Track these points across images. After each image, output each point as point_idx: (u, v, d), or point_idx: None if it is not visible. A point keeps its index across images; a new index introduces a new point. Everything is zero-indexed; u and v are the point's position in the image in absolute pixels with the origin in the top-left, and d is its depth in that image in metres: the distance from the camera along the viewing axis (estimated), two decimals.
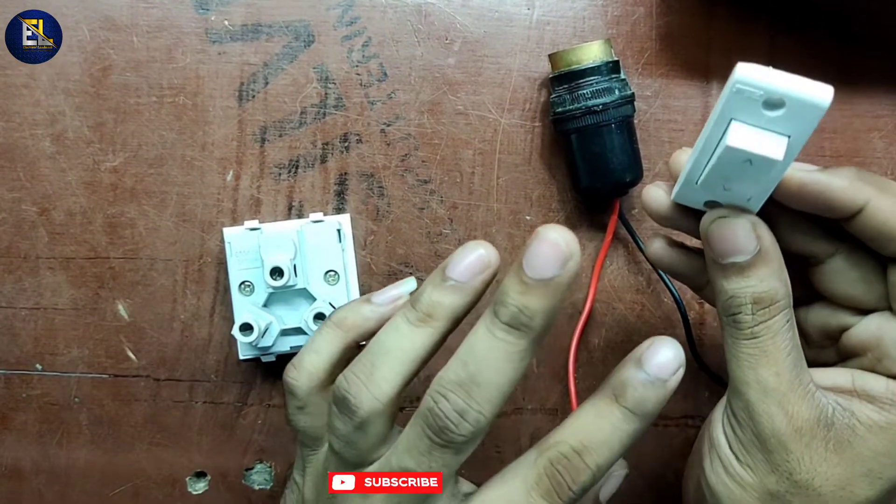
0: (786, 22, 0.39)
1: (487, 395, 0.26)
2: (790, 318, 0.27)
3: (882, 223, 0.26)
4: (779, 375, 0.26)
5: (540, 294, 0.25)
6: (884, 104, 0.39)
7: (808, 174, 0.26)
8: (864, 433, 0.26)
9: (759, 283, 0.26)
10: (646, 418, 0.26)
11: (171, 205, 0.38)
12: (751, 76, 0.23)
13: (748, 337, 0.27)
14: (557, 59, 0.36)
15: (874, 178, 0.26)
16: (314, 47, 0.38)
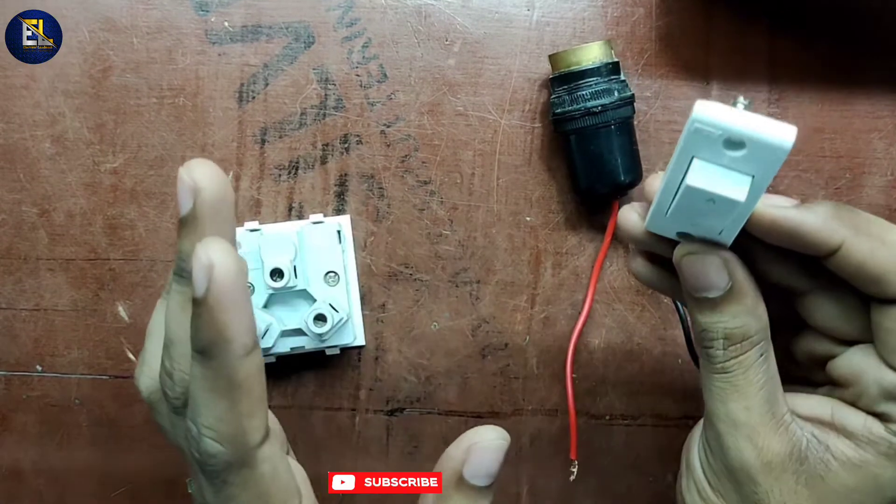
0: (785, 22, 0.39)
1: None
2: (764, 353, 0.26)
3: (858, 265, 0.25)
4: (749, 410, 0.26)
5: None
6: (883, 105, 0.39)
7: (780, 211, 0.25)
8: (837, 469, 0.26)
9: (731, 319, 0.26)
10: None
11: (172, 206, 0.38)
12: (709, 115, 0.22)
13: (719, 371, 0.27)
14: (557, 60, 0.36)
15: (852, 216, 0.25)
16: (314, 48, 0.38)
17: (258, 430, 0.24)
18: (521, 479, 0.39)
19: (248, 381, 0.23)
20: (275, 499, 0.25)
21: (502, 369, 0.39)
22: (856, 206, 0.39)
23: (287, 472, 0.26)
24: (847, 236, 0.24)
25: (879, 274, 0.25)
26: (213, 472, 0.24)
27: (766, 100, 0.39)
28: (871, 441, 0.26)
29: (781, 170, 0.39)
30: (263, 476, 0.25)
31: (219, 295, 0.21)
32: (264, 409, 0.24)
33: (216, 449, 0.23)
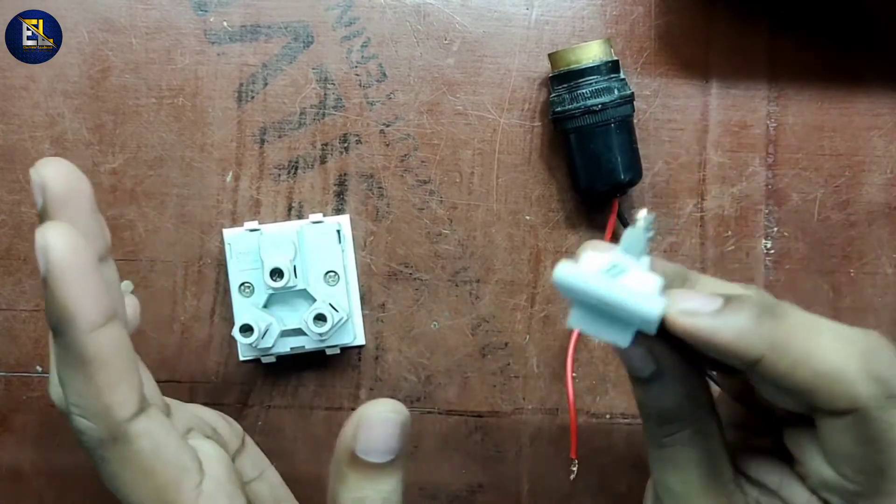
0: (785, 21, 0.39)
1: None
2: (701, 430, 0.25)
3: (775, 380, 0.23)
4: (686, 483, 0.26)
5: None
6: (883, 103, 0.39)
7: (690, 321, 0.22)
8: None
9: (662, 400, 0.25)
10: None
11: (171, 206, 0.38)
12: (565, 278, 0.22)
13: (655, 446, 0.26)
14: (557, 59, 0.36)
15: (776, 325, 0.22)
16: (313, 48, 0.38)
17: (125, 405, 0.24)
18: (521, 478, 0.39)
19: (101, 355, 0.23)
20: (160, 475, 0.25)
21: (502, 368, 0.39)
22: (855, 204, 0.39)
23: (178, 450, 0.26)
24: (765, 352, 0.22)
25: (800, 391, 0.23)
26: (89, 448, 0.24)
27: (766, 98, 0.39)
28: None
29: (781, 169, 0.39)
30: (142, 451, 0.25)
31: (56, 273, 0.22)
32: (132, 383, 0.24)
33: (84, 425, 0.24)
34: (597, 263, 0.22)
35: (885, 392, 0.22)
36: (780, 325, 0.22)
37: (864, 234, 0.39)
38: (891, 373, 0.22)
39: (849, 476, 0.23)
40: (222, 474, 0.28)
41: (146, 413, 0.25)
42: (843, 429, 0.23)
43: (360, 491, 0.25)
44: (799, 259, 0.39)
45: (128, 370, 0.24)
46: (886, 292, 0.39)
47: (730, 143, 0.39)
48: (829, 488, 0.24)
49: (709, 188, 0.39)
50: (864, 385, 0.22)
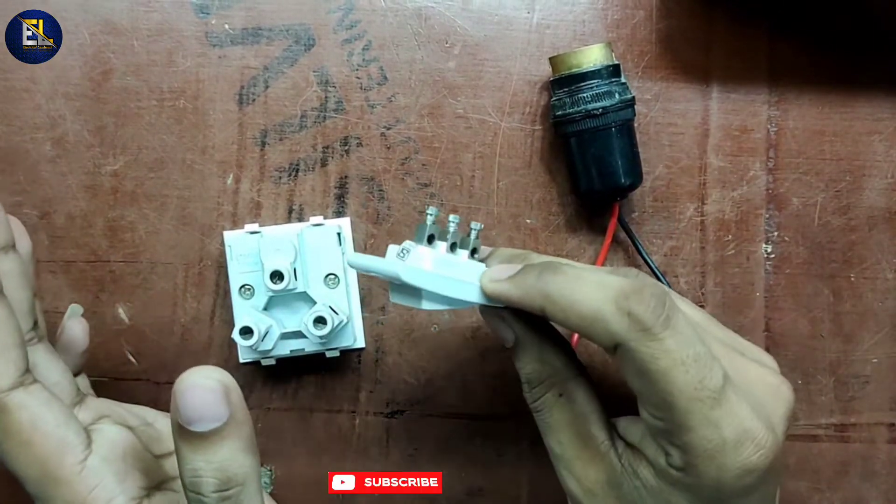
0: (785, 25, 0.39)
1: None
2: (564, 392, 0.29)
3: (561, 324, 0.27)
4: (561, 444, 0.29)
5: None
6: (884, 107, 0.39)
7: (492, 286, 0.29)
8: (645, 496, 0.27)
9: (525, 365, 0.30)
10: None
11: (172, 208, 0.38)
12: (352, 263, 0.31)
13: (532, 410, 0.30)
14: (558, 63, 0.36)
15: (549, 280, 0.27)
16: (314, 51, 0.38)
17: (3, 376, 0.26)
18: (521, 481, 0.39)
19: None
20: (40, 447, 0.26)
21: (502, 371, 0.39)
22: (855, 209, 0.39)
23: (59, 425, 0.27)
24: (543, 304, 0.27)
25: (579, 332, 0.27)
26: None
27: (767, 102, 0.39)
28: (660, 471, 0.27)
29: (782, 173, 0.39)
30: (21, 423, 0.26)
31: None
32: (10, 358, 0.26)
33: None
34: (394, 251, 0.30)
35: (637, 326, 0.25)
36: (553, 281, 0.27)
37: (864, 238, 0.39)
38: (641, 309, 0.25)
39: (653, 414, 0.26)
40: (116, 454, 0.28)
41: (25, 387, 0.27)
42: (623, 365, 0.26)
43: (193, 462, 0.25)
44: (799, 263, 0.39)
45: (10, 345, 0.26)
46: (887, 297, 0.39)
47: (730, 148, 0.39)
48: (653, 431, 0.27)
49: (709, 192, 0.39)
50: (617, 322, 0.25)
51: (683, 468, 0.26)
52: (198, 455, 0.24)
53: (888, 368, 0.39)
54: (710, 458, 0.25)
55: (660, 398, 0.25)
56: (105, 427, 0.30)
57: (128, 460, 0.29)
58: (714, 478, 0.25)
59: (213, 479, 0.24)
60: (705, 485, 0.26)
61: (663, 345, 0.25)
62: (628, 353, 0.25)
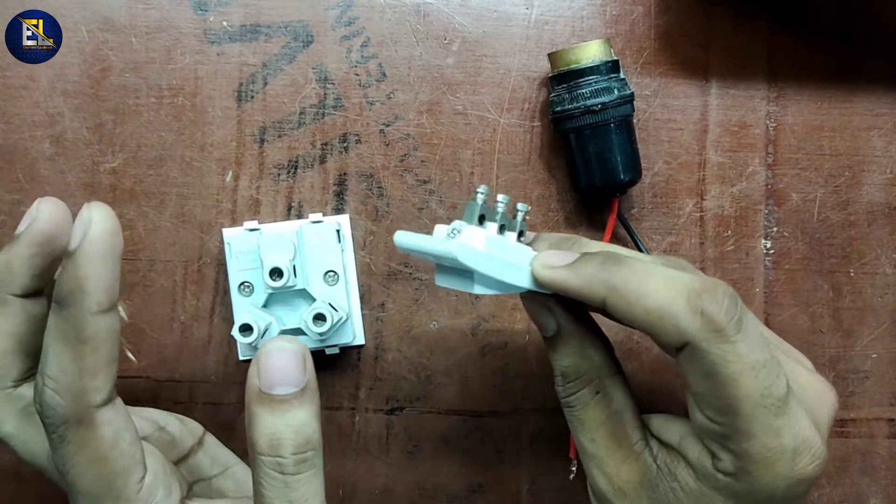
0: (785, 20, 0.39)
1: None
2: (601, 390, 0.29)
3: (623, 319, 0.26)
4: (594, 442, 0.28)
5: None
6: (883, 103, 0.39)
7: (547, 273, 0.27)
8: (683, 498, 0.27)
9: (563, 358, 0.29)
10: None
11: (171, 206, 0.38)
12: (399, 243, 0.28)
13: (564, 406, 0.29)
14: (557, 59, 0.36)
15: (615, 271, 0.26)
16: (313, 48, 0.38)
17: (100, 391, 0.25)
18: (520, 478, 0.39)
19: (96, 337, 0.25)
20: (113, 464, 0.26)
21: (502, 368, 0.39)
22: (855, 204, 0.39)
23: (131, 444, 0.27)
24: (606, 294, 0.26)
25: (643, 327, 0.26)
26: (52, 425, 0.25)
27: (766, 98, 0.39)
28: (704, 475, 0.26)
29: (781, 169, 0.39)
30: (103, 438, 0.26)
31: (88, 249, 0.24)
32: (110, 374, 0.26)
33: (55, 401, 0.25)
34: (443, 231, 0.28)
35: (710, 327, 0.24)
36: (619, 272, 0.26)
37: (863, 234, 0.39)
38: (715, 309, 0.24)
39: (712, 417, 0.25)
40: (160, 469, 0.29)
41: (113, 404, 0.26)
42: (687, 365, 0.25)
43: (273, 427, 0.26)
44: (798, 259, 0.39)
45: (112, 361, 0.26)
46: (886, 292, 0.39)
47: (729, 143, 0.39)
48: (706, 434, 0.26)
49: (708, 188, 0.39)
50: (688, 320, 0.24)
51: (735, 473, 0.25)
52: (277, 418, 0.26)
53: (888, 364, 0.39)
54: (768, 467, 0.25)
55: (724, 402, 0.25)
56: (148, 445, 0.30)
57: (167, 471, 0.29)
58: (768, 486, 0.25)
59: (292, 441, 0.26)
60: (756, 492, 0.25)
61: (735, 348, 0.24)
62: (697, 353, 0.24)
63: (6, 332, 0.27)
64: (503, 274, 0.27)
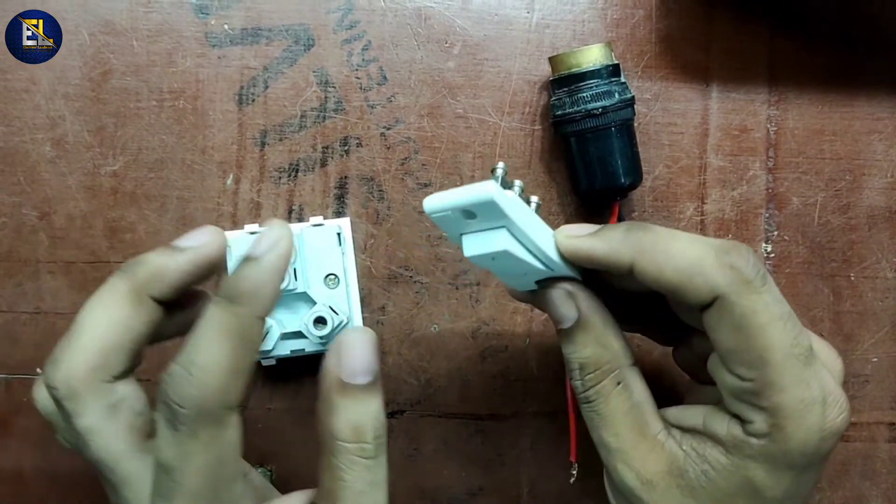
0: (785, 24, 0.39)
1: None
2: (623, 381, 0.28)
3: (650, 282, 0.26)
4: (618, 436, 0.28)
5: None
6: (884, 106, 0.39)
7: (572, 241, 0.27)
8: (715, 477, 0.26)
9: (582, 349, 0.28)
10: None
11: (172, 209, 0.38)
12: (432, 206, 0.26)
13: (583, 401, 0.29)
14: (558, 62, 0.36)
15: (641, 236, 0.26)
16: (314, 51, 0.38)
17: (238, 394, 0.25)
18: (521, 481, 0.39)
19: (255, 341, 0.26)
20: (228, 469, 0.26)
21: (502, 371, 0.39)
22: (855, 208, 0.39)
23: (239, 453, 0.27)
24: (634, 257, 0.26)
25: (671, 288, 0.26)
26: (186, 418, 0.25)
27: (766, 102, 0.39)
28: (735, 445, 0.26)
29: (782, 173, 0.39)
30: (229, 441, 0.26)
31: (275, 260, 0.25)
32: (246, 381, 0.26)
33: (200, 392, 0.24)
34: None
35: (739, 279, 0.25)
36: (645, 235, 0.26)
37: (864, 238, 0.39)
38: (743, 263, 0.25)
39: (743, 375, 0.25)
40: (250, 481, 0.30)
41: (240, 415, 0.26)
42: (717, 321, 0.25)
43: (354, 414, 0.26)
44: (799, 263, 0.39)
45: (251, 371, 0.26)
46: (887, 296, 0.39)
47: (730, 147, 0.39)
48: (737, 396, 0.26)
49: (709, 192, 0.39)
50: (719, 273, 0.25)
51: (769, 433, 0.25)
52: (359, 406, 0.26)
53: (888, 367, 0.39)
54: (800, 419, 0.25)
55: (756, 354, 0.25)
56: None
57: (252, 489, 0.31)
58: (801, 441, 0.25)
59: (372, 426, 0.26)
60: (790, 449, 0.25)
61: (763, 298, 0.25)
62: (728, 306, 0.25)
63: (130, 328, 0.28)
64: (533, 232, 0.26)
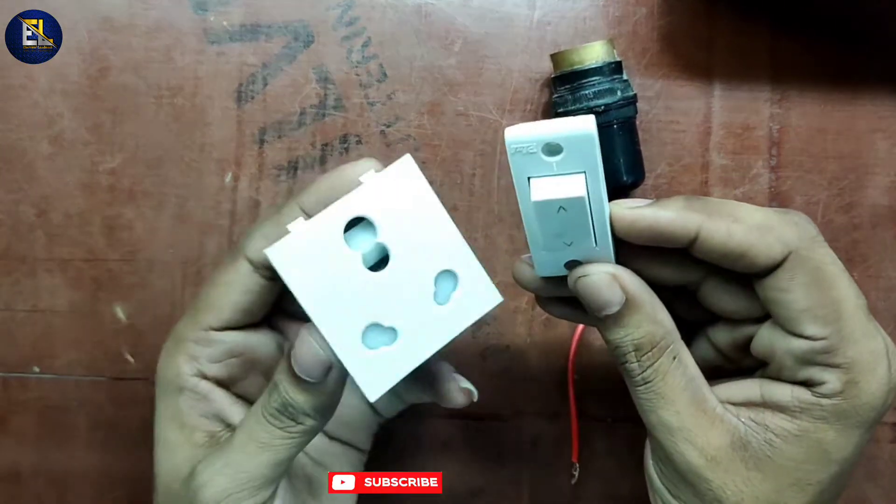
0: (787, 22, 0.38)
1: None
2: (677, 355, 0.27)
3: (719, 247, 0.26)
4: (679, 413, 0.27)
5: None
6: (887, 105, 0.39)
7: (635, 211, 0.26)
8: (781, 445, 0.26)
9: (636, 329, 0.27)
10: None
11: (170, 206, 0.38)
12: (517, 135, 0.24)
13: (640, 384, 0.27)
14: (560, 60, 0.35)
15: (703, 204, 0.26)
16: (313, 48, 0.38)
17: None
18: (522, 482, 0.39)
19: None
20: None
21: (504, 371, 0.38)
22: (859, 207, 0.39)
23: None
24: (701, 222, 0.26)
25: (741, 251, 0.26)
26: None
27: (769, 100, 0.39)
28: (803, 409, 0.26)
29: (785, 171, 0.39)
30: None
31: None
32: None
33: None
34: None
35: (807, 234, 0.26)
36: (708, 204, 0.26)
37: (867, 237, 0.39)
38: (805, 222, 0.26)
39: (816, 334, 0.26)
40: None
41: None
42: (789, 280, 0.26)
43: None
44: None
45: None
46: (890, 295, 0.39)
47: (733, 146, 0.39)
48: (806, 360, 0.26)
49: (712, 190, 0.39)
50: (789, 230, 0.26)
51: (842, 391, 0.25)
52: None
53: None
54: (872, 371, 0.25)
55: (831, 308, 0.25)
56: None
57: None
58: (873, 394, 0.25)
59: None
60: (862, 404, 0.25)
61: (829, 252, 0.26)
62: (802, 261, 0.25)
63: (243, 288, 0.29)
64: (603, 193, 0.25)
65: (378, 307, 0.26)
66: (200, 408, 0.29)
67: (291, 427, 0.27)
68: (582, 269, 0.27)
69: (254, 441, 0.27)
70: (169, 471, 0.29)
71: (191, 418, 0.29)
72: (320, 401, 0.27)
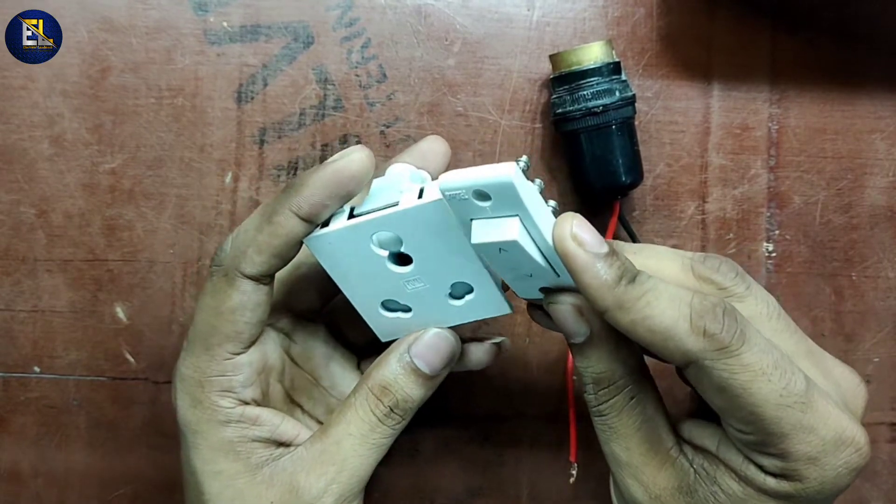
0: (787, 22, 0.38)
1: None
2: (636, 396, 0.27)
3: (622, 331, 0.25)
4: (629, 450, 0.28)
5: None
6: (886, 105, 0.39)
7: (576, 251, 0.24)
8: (725, 500, 0.26)
9: (596, 364, 0.27)
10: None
11: (170, 207, 0.38)
12: (448, 183, 0.25)
13: (596, 414, 0.28)
14: (558, 60, 0.36)
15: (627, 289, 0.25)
16: (313, 48, 0.38)
17: (254, 265, 0.29)
18: (521, 482, 0.39)
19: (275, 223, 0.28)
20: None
21: (502, 372, 0.39)
22: (857, 207, 0.39)
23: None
24: (609, 307, 0.25)
25: (646, 345, 0.25)
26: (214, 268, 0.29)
27: (768, 100, 0.39)
28: (748, 479, 0.26)
29: (783, 171, 0.39)
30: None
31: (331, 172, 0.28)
32: (267, 257, 0.29)
33: (227, 248, 0.29)
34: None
35: (714, 346, 0.24)
36: (631, 291, 0.25)
37: (866, 237, 0.39)
38: (717, 328, 0.24)
39: (741, 429, 0.25)
40: None
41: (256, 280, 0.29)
42: (697, 382, 0.26)
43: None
44: (800, 262, 0.39)
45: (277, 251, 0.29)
46: (888, 296, 0.39)
47: (731, 146, 0.39)
48: (742, 444, 0.26)
49: (710, 190, 0.39)
50: (691, 340, 0.24)
51: (783, 475, 0.25)
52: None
53: (889, 368, 0.39)
54: (812, 462, 0.25)
55: (746, 412, 0.25)
56: None
57: None
58: (817, 480, 0.25)
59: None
60: (807, 488, 0.25)
61: (741, 360, 0.24)
62: (705, 370, 0.25)
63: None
64: (547, 231, 0.25)
65: (398, 292, 0.30)
66: (251, 433, 0.30)
67: (398, 423, 0.30)
68: (552, 297, 0.27)
69: (367, 443, 0.29)
70: (232, 497, 0.29)
71: (244, 445, 0.30)
72: (431, 391, 0.30)
